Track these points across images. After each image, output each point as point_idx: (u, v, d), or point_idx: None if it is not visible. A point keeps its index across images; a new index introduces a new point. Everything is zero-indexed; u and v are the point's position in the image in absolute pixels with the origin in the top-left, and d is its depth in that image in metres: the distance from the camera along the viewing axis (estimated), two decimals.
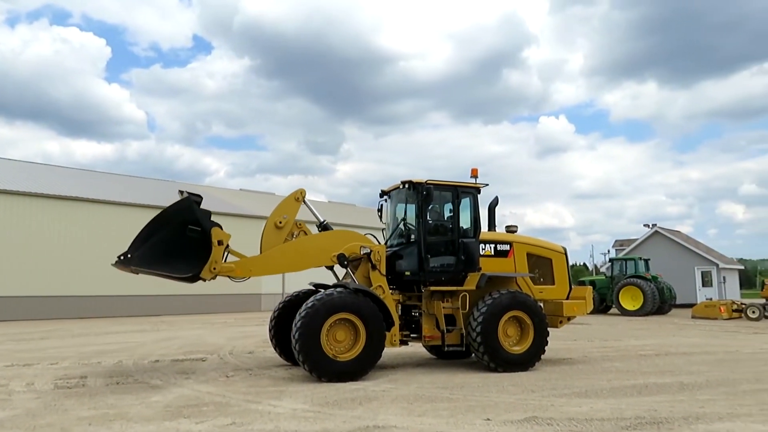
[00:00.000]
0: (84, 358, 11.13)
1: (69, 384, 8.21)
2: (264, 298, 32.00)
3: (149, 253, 8.02)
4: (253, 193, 40.40)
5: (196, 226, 8.32)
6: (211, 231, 8.50)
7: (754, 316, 21.63)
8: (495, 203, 10.57)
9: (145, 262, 8.01)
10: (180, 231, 8.23)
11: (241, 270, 8.91)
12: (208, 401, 6.91)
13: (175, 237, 8.22)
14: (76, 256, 25.88)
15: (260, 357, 11.13)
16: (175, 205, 8.47)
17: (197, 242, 8.37)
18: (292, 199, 9.61)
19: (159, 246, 8.08)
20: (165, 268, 8.21)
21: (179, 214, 8.32)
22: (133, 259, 7.92)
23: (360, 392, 7.45)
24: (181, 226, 8.24)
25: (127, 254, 7.91)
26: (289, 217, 9.41)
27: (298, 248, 9.33)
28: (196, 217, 8.37)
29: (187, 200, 8.47)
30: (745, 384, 8.10)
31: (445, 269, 9.60)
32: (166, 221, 8.24)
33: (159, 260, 8.10)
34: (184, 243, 8.27)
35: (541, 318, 9.52)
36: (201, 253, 8.42)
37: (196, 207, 8.46)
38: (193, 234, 8.30)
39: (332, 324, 8.27)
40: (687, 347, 12.86)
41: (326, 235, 9.57)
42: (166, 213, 8.32)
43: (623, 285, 25.87)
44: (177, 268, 8.32)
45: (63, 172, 32.24)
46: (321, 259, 9.23)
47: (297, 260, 9.25)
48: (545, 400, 6.94)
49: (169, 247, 8.17)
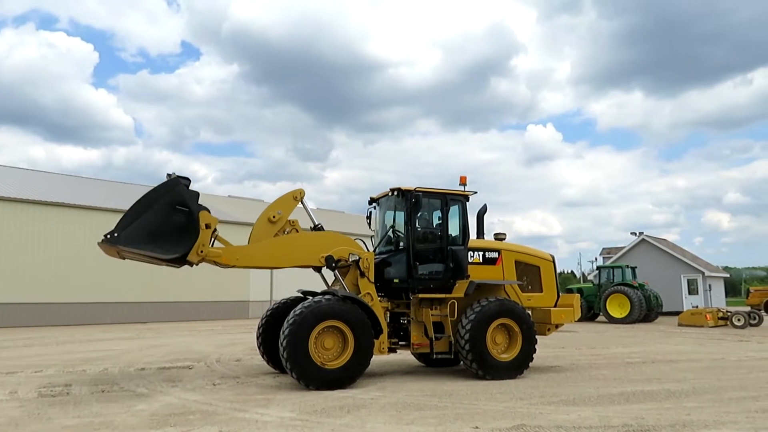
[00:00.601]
0: (68, 365, 10.99)
1: (53, 392, 8.09)
2: (252, 305, 31.82)
3: (136, 233, 7.91)
4: (242, 200, 40.25)
5: (183, 207, 8.22)
6: (198, 214, 8.38)
7: (739, 324, 21.83)
8: (483, 211, 10.61)
9: (131, 241, 7.88)
10: (167, 211, 8.13)
11: (227, 257, 8.81)
12: (195, 409, 6.84)
13: (162, 217, 8.11)
14: (61, 262, 25.60)
15: (248, 365, 11.05)
16: (163, 186, 8.32)
17: (185, 224, 8.25)
18: (290, 197, 9.57)
19: (146, 226, 7.97)
20: (152, 248, 8.06)
21: (166, 195, 8.20)
22: (120, 238, 7.82)
23: (348, 400, 7.42)
24: (168, 206, 8.14)
25: (114, 233, 7.81)
26: (283, 214, 9.36)
27: (288, 244, 9.26)
28: (183, 198, 8.27)
29: (175, 181, 8.35)
30: (731, 391, 8.16)
31: (434, 277, 9.60)
32: (153, 201, 8.12)
33: (146, 240, 7.97)
34: (172, 224, 8.16)
35: (529, 325, 9.54)
36: (188, 235, 8.29)
37: (184, 188, 8.36)
38: (181, 215, 8.20)
39: (320, 331, 8.23)
40: (674, 355, 12.95)
41: (317, 235, 9.51)
42: (153, 193, 8.20)
43: (610, 293, 26.02)
44: (164, 249, 8.17)
45: (48, 177, 31.94)
46: (309, 258, 9.18)
47: (284, 256, 9.18)
48: (533, 408, 6.95)
49: (156, 227, 8.05)
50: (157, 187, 8.28)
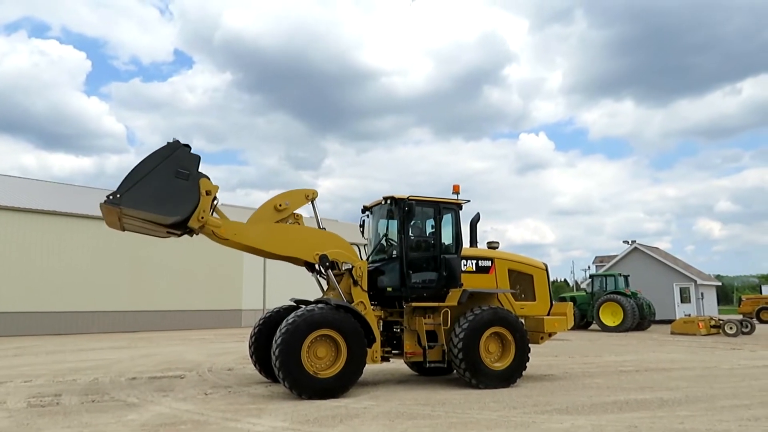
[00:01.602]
0: (58, 375, 10.88)
1: (42, 402, 8.01)
2: (244, 314, 31.71)
3: (138, 194, 7.94)
4: (234, 208, 40.14)
5: (184, 170, 8.25)
6: (199, 180, 8.40)
7: (731, 332, 21.91)
8: (477, 219, 10.65)
9: (133, 201, 7.91)
10: (168, 175, 8.15)
11: (226, 229, 8.77)
12: (186, 419, 6.79)
13: (163, 181, 8.12)
14: (52, 270, 25.44)
15: (240, 374, 10.98)
16: (164, 149, 8.31)
17: (186, 188, 8.28)
18: (302, 194, 9.58)
19: (148, 188, 8.00)
20: (154, 208, 8.09)
21: (167, 159, 8.21)
22: (122, 199, 7.84)
23: (341, 409, 7.38)
24: (169, 170, 8.16)
25: (116, 194, 7.84)
26: (290, 205, 9.35)
27: (287, 232, 9.24)
28: (184, 162, 8.29)
29: (176, 144, 8.36)
30: (723, 400, 8.17)
31: (427, 285, 9.59)
32: (154, 164, 8.13)
33: (148, 201, 8.01)
34: (173, 188, 8.17)
35: (522, 334, 9.54)
36: (189, 200, 8.33)
37: (185, 152, 8.37)
38: (182, 180, 8.22)
39: (313, 340, 8.19)
40: (666, 363, 12.97)
41: (317, 231, 9.48)
42: (154, 156, 8.19)
43: (603, 301, 26.08)
44: (166, 210, 8.19)
45: (40, 185, 31.78)
46: (304, 251, 9.15)
47: (281, 242, 9.14)
48: (526, 417, 6.94)
49: (157, 189, 8.08)
50: (158, 151, 8.27)
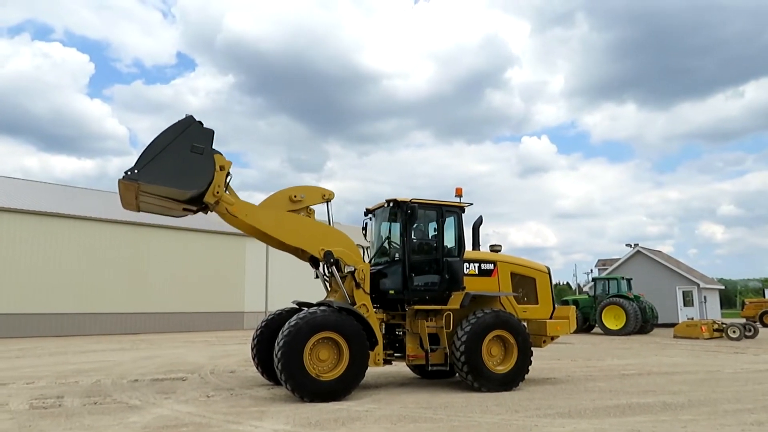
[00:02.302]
0: (61, 377, 10.89)
1: (45, 404, 8.02)
2: (246, 316, 31.71)
3: (155, 169, 8.05)
4: None
5: (198, 145, 8.35)
6: (213, 155, 8.52)
7: (734, 336, 21.85)
8: (479, 222, 10.63)
9: (151, 176, 8.02)
10: (184, 149, 8.26)
11: (238, 208, 8.89)
12: (188, 422, 6.78)
13: (179, 155, 8.23)
14: (54, 272, 25.48)
15: (242, 376, 10.98)
16: (178, 125, 8.40)
17: (201, 162, 8.41)
18: (319, 192, 9.66)
19: (164, 162, 8.11)
20: (171, 182, 8.23)
21: (182, 134, 8.30)
22: (140, 174, 7.95)
23: (343, 412, 7.37)
24: (184, 144, 8.27)
25: (134, 169, 7.94)
26: (305, 200, 9.44)
27: (297, 221, 9.30)
28: (198, 137, 8.39)
29: (190, 119, 8.45)
30: (726, 404, 8.15)
31: (429, 288, 9.59)
32: (170, 139, 8.23)
33: (165, 175, 8.14)
34: (189, 162, 8.30)
35: (524, 337, 9.53)
36: (205, 174, 8.47)
37: (199, 126, 8.46)
38: (197, 154, 8.33)
39: (315, 343, 8.19)
40: (669, 367, 12.94)
41: (326, 227, 9.52)
42: (169, 132, 8.28)
43: (606, 304, 26.03)
44: (183, 183, 8.34)
45: (42, 187, 31.85)
46: (310, 244, 9.18)
47: (289, 231, 9.19)
48: (529, 420, 6.92)
49: (174, 164, 8.19)
50: (173, 126, 8.35)
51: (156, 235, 29.11)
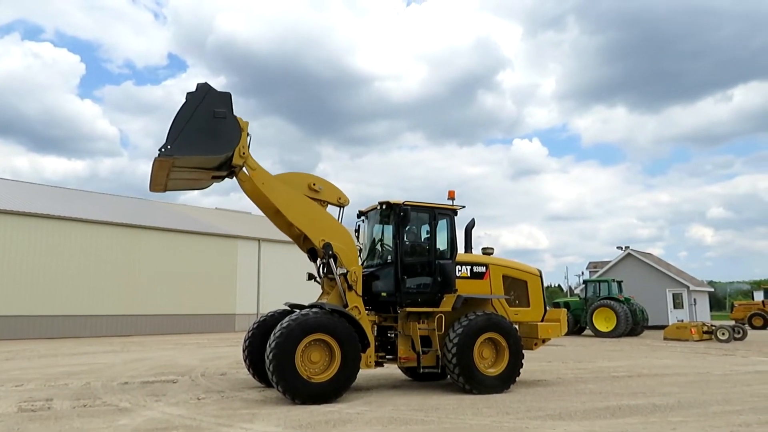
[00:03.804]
0: (50, 379, 10.81)
1: (34, 407, 7.96)
2: (238, 318, 31.59)
3: (186, 140, 8.21)
4: (229, 212, 40.08)
5: (220, 109, 8.46)
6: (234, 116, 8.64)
7: (724, 338, 22.00)
8: (471, 225, 10.66)
9: (184, 147, 8.20)
10: (208, 116, 8.38)
11: (258, 174, 8.98)
12: (179, 424, 6.76)
13: (205, 122, 8.35)
14: (44, 274, 25.27)
15: (233, 379, 10.95)
16: (196, 93, 8.49)
17: (227, 125, 8.54)
18: (336, 193, 9.72)
19: (193, 132, 8.27)
20: (204, 149, 8.42)
21: (202, 101, 8.41)
22: (173, 148, 8.10)
23: (334, 415, 7.37)
24: (207, 111, 8.38)
25: (167, 145, 8.09)
26: (322, 192, 9.48)
27: (308, 205, 9.31)
28: (218, 101, 8.49)
29: (206, 86, 8.54)
30: (715, 405, 8.21)
31: (422, 290, 9.60)
32: (192, 110, 8.34)
33: (196, 143, 8.32)
34: (215, 126, 8.43)
35: (516, 340, 9.56)
36: (233, 133, 8.62)
37: (216, 92, 8.55)
38: (220, 117, 8.46)
39: (307, 345, 8.18)
40: (659, 369, 13.01)
41: (335, 222, 9.51)
42: (189, 104, 8.38)
43: (597, 307, 26.15)
44: (215, 148, 8.49)
45: (32, 188, 31.60)
46: (313, 231, 9.19)
47: (298, 211, 9.20)
48: (520, 423, 6.95)
49: (202, 131, 8.34)
50: (191, 96, 8.43)
51: (147, 237, 28.98)
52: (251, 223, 36.42)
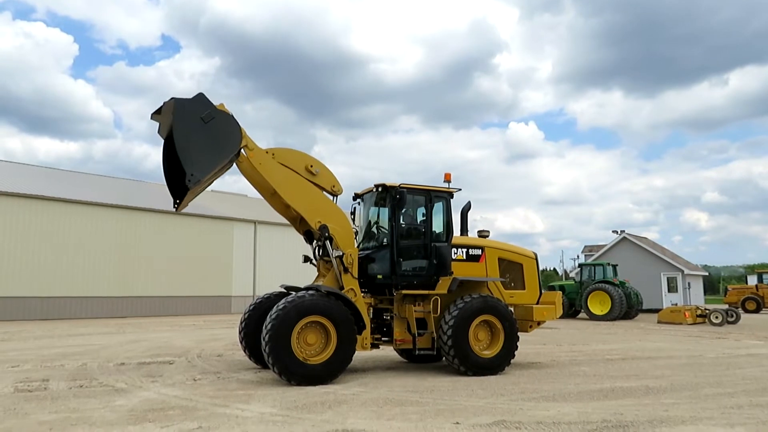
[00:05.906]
0: (46, 360, 10.84)
1: (30, 387, 7.98)
2: (234, 300, 31.68)
3: (201, 157, 8.18)
4: (224, 195, 39.95)
5: (206, 112, 8.40)
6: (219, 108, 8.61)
7: (717, 322, 22.17)
8: (467, 208, 10.65)
9: (205, 165, 8.21)
10: (201, 126, 8.32)
11: (255, 155, 8.95)
12: (175, 405, 6.78)
13: (204, 133, 8.31)
14: (39, 256, 25.24)
15: (229, 360, 10.99)
16: (179, 114, 8.31)
17: (222, 122, 8.51)
18: (331, 179, 9.54)
19: (200, 146, 8.22)
20: (221, 156, 8.44)
21: (189, 115, 8.30)
22: (197, 173, 8.08)
23: (330, 396, 7.41)
24: (197, 122, 8.31)
25: (191, 173, 8.02)
26: (316, 176, 9.34)
27: (304, 187, 9.22)
28: (199, 107, 8.39)
29: (172, 100, 8.38)
30: (707, 388, 8.28)
31: (417, 273, 9.62)
32: (187, 129, 8.26)
33: (212, 156, 8.33)
34: (215, 130, 8.41)
35: (511, 322, 9.60)
36: (232, 125, 8.62)
37: (190, 101, 8.43)
38: (210, 119, 8.40)
39: (303, 327, 8.20)
40: (652, 351, 13.12)
41: (332, 204, 9.44)
42: (181, 126, 8.24)
43: (592, 290, 26.29)
44: (228, 147, 8.54)
45: (25, 169, 31.40)
46: (310, 212, 9.13)
47: (295, 193, 9.12)
48: (514, 404, 7.00)
49: (208, 141, 8.31)
50: (178, 119, 8.26)
51: (143, 219, 28.92)
52: (247, 206, 36.34)
